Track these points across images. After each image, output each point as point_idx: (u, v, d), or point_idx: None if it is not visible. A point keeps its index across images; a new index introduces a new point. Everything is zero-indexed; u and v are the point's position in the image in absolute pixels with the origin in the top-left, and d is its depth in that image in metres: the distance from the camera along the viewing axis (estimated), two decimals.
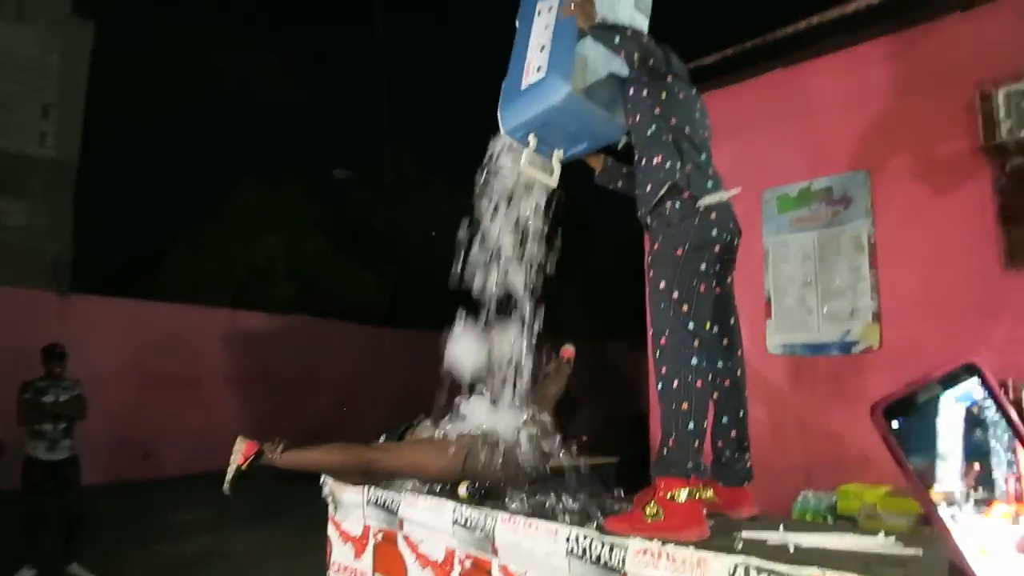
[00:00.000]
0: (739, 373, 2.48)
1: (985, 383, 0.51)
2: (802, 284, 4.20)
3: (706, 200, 2.23)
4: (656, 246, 2.26)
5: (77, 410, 5.52)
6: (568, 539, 2.09)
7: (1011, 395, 3.40)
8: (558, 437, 3.01)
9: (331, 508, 3.04)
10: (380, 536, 2.78)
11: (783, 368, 4.22)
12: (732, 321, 2.50)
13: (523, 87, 2.54)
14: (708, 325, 2.21)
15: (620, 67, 2.57)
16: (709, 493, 2.16)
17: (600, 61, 2.58)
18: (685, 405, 2.10)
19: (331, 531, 3.05)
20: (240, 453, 2.70)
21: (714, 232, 2.23)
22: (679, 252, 2.18)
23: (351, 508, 2.92)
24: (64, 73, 10.90)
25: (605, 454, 4.88)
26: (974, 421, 0.51)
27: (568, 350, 3.53)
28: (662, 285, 2.18)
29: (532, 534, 2.21)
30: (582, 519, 2.21)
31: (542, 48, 2.54)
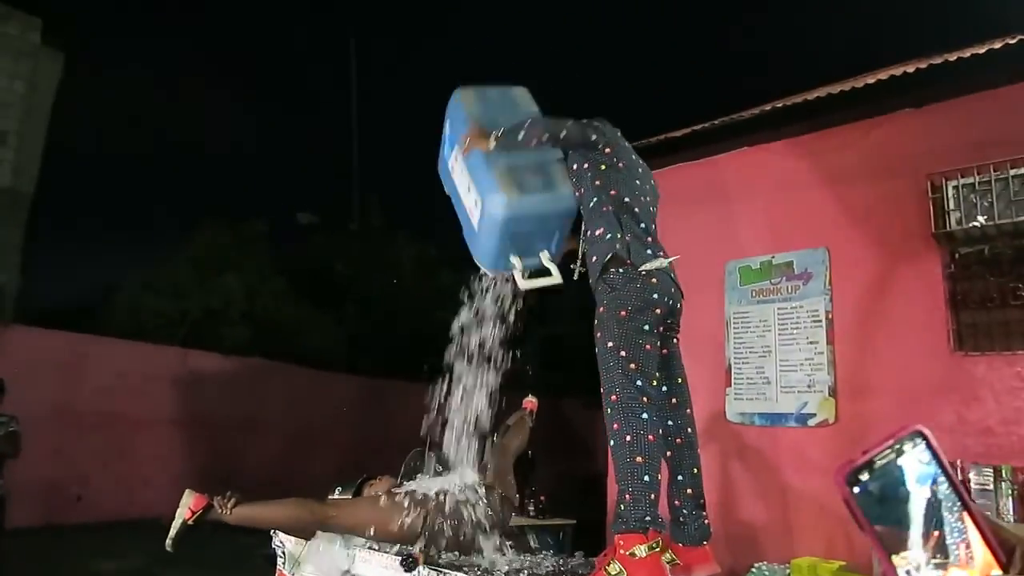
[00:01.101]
0: (690, 431, 2.53)
1: (931, 450, 0.55)
2: (761, 355, 4.29)
3: (646, 266, 2.32)
4: (602, 309, 2.35)
5: (11, 448, 5.25)
6: None
7: (960, 475, 3.50)
8: (517, 498, 2.97)
9: (280, 561, 2.93)
10: None
11: (741, 437, 4.27)
12: (680, 380, 2.56)
13: (476, 227, 2.65)
14: (655, 382, 2.27)
15: (540, 152, 2.67)
16: (668, 555, 2.17)
17: (518, 159, 2.67)
18: (639, 459, 2.12)
19: None
20: (187, 507, 2.59)
21: (655, 295, 2.32)
22: (623, 313, 2.26)
23: (301, 562, 2.82)
24: (28, 102, 10.71)
25: (562, 515, 4.82)
26: (924, 484, 0.54)
27: (531, 402, 3.51)
28: (609, 344, 2.25)
29: None
30: None
31: (468, 188, 2.67)
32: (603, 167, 2.49)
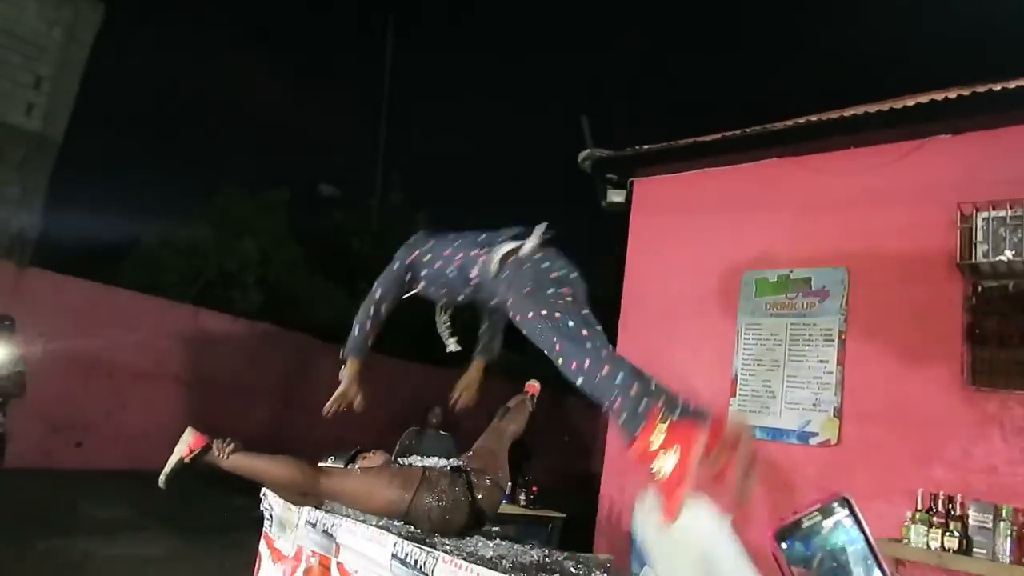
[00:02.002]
0: None
1: (853, 514, 0.60)
2: (769, 368, 4.24)
3: (525, 248, 2.28)
4: (509, 301, 2.22)
5: (15, 388, 5.30)
6: None
7: (958, 510, 3.44)
8: (508, 485, 2.95)
9: (266, 523, 2.92)
10: (314, 560, 2.68)
11: None
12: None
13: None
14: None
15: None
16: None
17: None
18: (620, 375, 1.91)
19: (262, 547, 2.93)
20: (186, 444, 2.59)
21: (544, 264, 2.23)
22: (527, 290, 2.14)
23: (287, 526, 2.82)
24: (64, 49, 10.77)
25: (552, 508, 4.80)
26: (844, 545, 0.59)
27: (533, 385, 3.42)
28: (530, 315, 2.08)
29: None
30: (522, 573, 2.15)
31: None
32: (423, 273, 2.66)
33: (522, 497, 4.69)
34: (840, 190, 4.26)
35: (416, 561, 2.29)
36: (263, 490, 2.94)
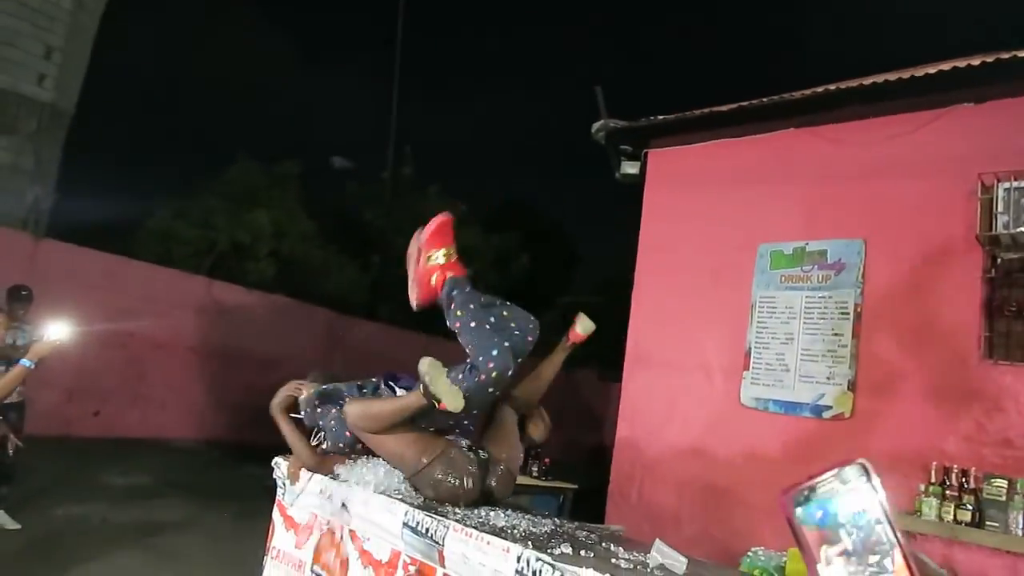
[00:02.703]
0: None
1: (870, 481, 0.59)
2: (783, 342, 4.21)
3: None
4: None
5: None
6: (519, 559, 2.04)
7: (972, 484, 3.42)
8: (521, 458, 2.94)
9: (279, 491, 2.95)
10: (325, 527, 2.71)
11: (753, 421, 4.22)
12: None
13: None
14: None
15: None
16: None
17: None
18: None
19: (275, 515, 2.97)
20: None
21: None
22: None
23: (300, 494, 2.84)
24: (74, 19, 10.69)
25: (564, 480, 4.83)
26: (861, 513, 0.58)
27: (578, 334, 3.10)
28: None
29: (483, 548, 2.15)
30: (536, 544, 2.16)
31: None
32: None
33: (534, 469, 4.71)
34: (858, 161, 4.18)
35: (427, 529, 2.31)
36: (275, 459, 2.97)
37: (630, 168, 5.18)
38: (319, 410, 2.91)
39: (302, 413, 2.91)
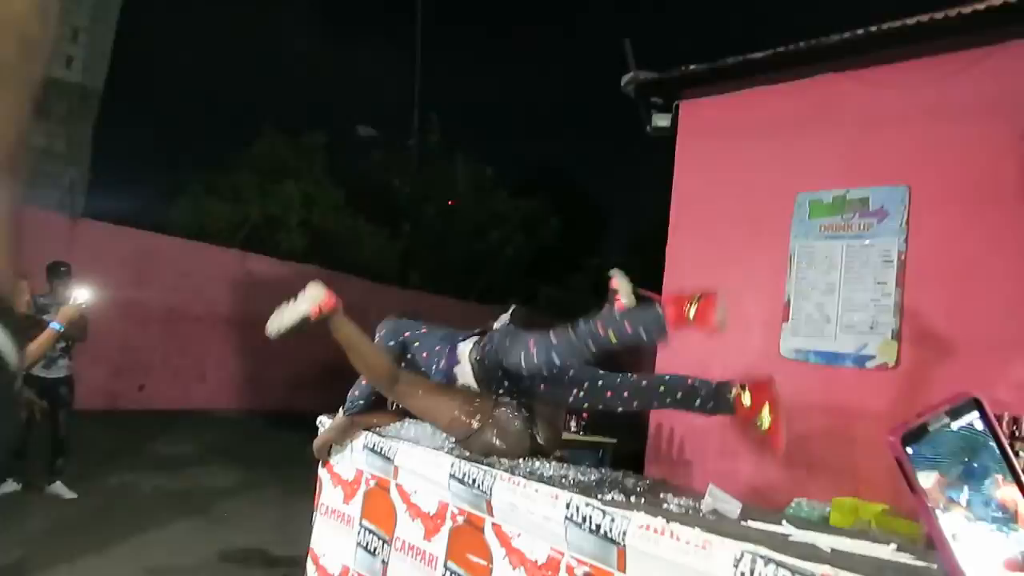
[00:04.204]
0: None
1: (985, 417, 0.57)
2: (824, 292, 4.13)
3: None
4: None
5: (78, 331, 5.47)
6: (568, 505, 2.05)
7: (1022, 431, 3.35)
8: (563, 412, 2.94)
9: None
10: (372, 482, 2.75)
11: (793, 373, 4.16)
12: None
13: None
14: None
15: None
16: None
17: None
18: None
19: (322, 472, 3.01)
20: (316, 303, 2.61)
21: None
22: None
23: (345, 451, 2.88)
24: (98, 8, 10.79)
25: (603, 434, 4.85)
26: (975, 450, 0.56)
27: (623, 304, 2.77)
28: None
29: (532, 496, 2.16)
30: (584, 490, 2.16)
31: None
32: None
33: (572, 424, 4.73)
34: (901, 104, 4.04)
35: (475, 480, 2.32)
36: (319, 418, 3.01)
37: (661, 121, 5.07)
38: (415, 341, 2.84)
39: (379, 335, 2.85)
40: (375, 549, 2.67)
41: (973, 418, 0.56)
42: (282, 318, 2.55)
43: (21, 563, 3.86)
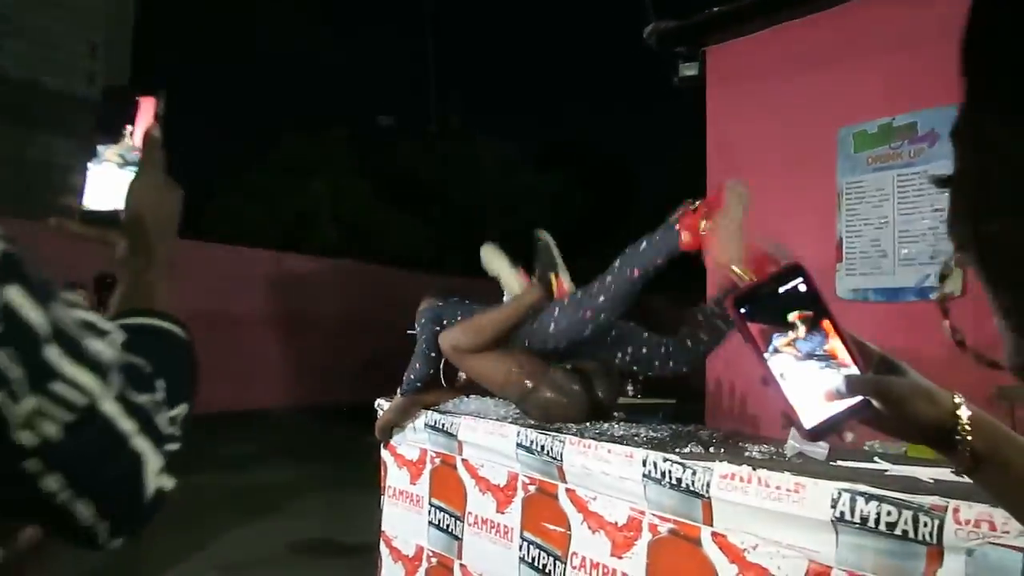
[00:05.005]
0: None
1: (807, 280, 0.66)
2: (877, 226, 3.98)
3: None
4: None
5: None
6: (645, 462, 1.99)
7: None
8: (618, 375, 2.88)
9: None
10: (438, 460, 2.72)
11: (854, 313, 4.02)
12: None
13: None
14: None
15: None
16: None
17: None
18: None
19: (385, 454, 3.00)
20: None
21: None
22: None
23: (406, 432, 2.86)
24: (111, 11, 10.81)
25: (660, 396, 4.76)
26: (800, 308, 0.65)
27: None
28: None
29: (604, 457, 2.12)
30: (660, 446, 2.09)
31: None
32: None
33: (629, 388, 4.65)
34: (943, 20, 3.81)
35: (543, 447, 2.28)
36: (377, 401, 2.99)
37: (689, 71, 4.91)
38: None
39: (417, 326, 2.82)
40: (448, 527, 2.65)
41: (798, 282, 0.65)
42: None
43: (98, 571, 3.94)
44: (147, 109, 0.84)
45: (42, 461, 0.47)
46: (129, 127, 0.84)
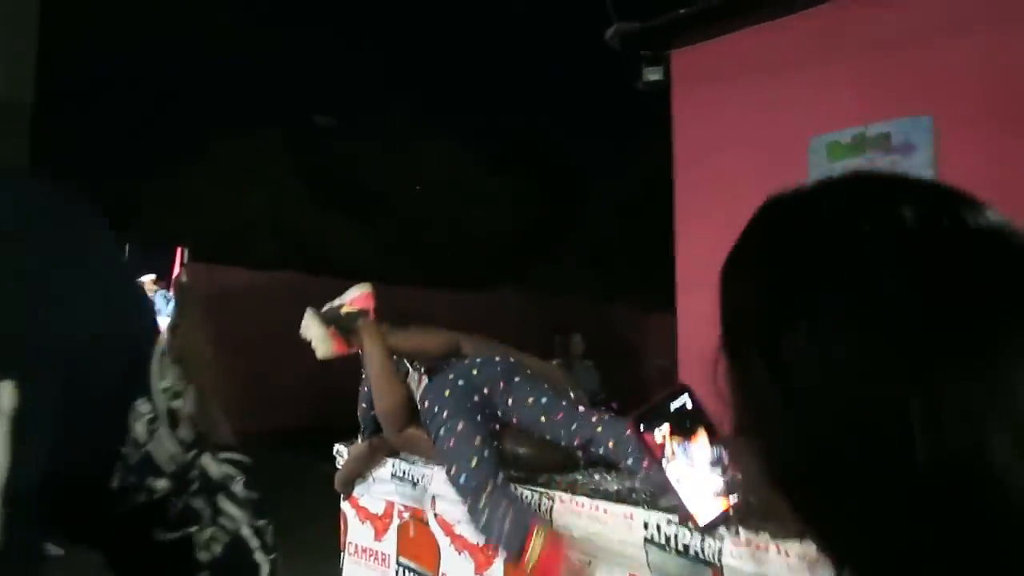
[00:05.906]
0: None
1: (692, 396, 0.73)
2: None
3: None
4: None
5: None
6: (647, 525, 1.74)
7: None
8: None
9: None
10: (407, 515, 2.41)
11: None
12: None
13: None
14: None
15: None
16: None
17: None
18: None
19: (345, 507, 2.66)
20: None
21: None
22: None
23: (370, 482, 2.54)
24: (11, 6, 10.02)
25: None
26: (692, 421, 0.73)
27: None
28: None
29: (600, 518, 1.86)
30: (654, 501, 1.84)
31: None
32: None
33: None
34: (917, 25, 3.72)
35: (530, 503, 2.01)
36: (336, 447, 2.65)
37: (653, 75, 4.71)
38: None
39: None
40: None
41: (685, 399, 0.73)
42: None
43: None
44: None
45: (210, 572, 0.62)
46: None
